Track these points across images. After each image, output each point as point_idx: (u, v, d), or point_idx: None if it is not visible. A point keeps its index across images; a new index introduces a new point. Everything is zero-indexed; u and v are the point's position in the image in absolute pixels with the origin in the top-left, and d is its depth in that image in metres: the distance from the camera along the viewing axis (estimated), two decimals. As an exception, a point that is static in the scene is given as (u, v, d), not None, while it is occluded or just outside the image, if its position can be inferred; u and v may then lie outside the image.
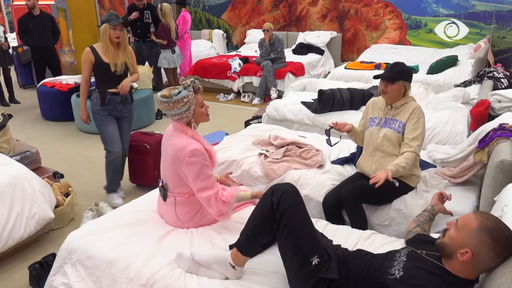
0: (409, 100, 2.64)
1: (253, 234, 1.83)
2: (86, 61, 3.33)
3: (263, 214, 1.80)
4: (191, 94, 2.13)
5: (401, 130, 2.59)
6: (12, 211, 2.70)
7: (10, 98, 6.90)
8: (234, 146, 3.39)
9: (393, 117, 2.64)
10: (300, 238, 1.73)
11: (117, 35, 3.27)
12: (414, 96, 4.47)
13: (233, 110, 6.35)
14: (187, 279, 1.87)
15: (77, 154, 4.74)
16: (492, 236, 1.44)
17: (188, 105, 2.13)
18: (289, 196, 1.77)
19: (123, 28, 3.30)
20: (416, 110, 2.58)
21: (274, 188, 1.82)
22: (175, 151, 2.14)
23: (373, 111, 2.77)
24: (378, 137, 2.65)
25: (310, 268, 1.70)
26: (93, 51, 3.31)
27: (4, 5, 11.28)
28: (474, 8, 6.92)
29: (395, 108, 2.64)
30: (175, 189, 2.22)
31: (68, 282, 2.10)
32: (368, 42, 7.92)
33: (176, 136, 2.18)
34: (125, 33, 3.37)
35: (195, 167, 2.10)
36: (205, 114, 2.26)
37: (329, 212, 2.65)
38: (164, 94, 2.11)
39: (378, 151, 2.65)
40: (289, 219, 1.73)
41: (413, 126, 2.54)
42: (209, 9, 9.55)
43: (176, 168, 2.16)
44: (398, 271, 1.60)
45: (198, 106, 2.19)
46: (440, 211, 2.24)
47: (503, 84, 4.34)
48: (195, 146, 2.10)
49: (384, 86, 2.58)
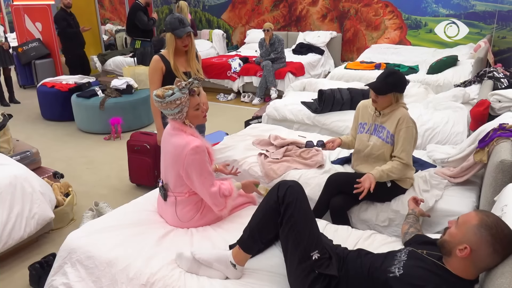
0: (397, 107, 2.55)
1: (257, 228, 1.86)
2: (156, 70, 2.98)
3: (268, 208, 1.85)
4: (185, 97, 2.10)
5: (389, 141, 2.55)
6: (12, 211, 2.70)
7: (10, 98, 6.90)
8: (234, 146, 3.39)
9: (381, 124, 2.60)
10: (302, 233, 1.76)
11: (185, 44, 2.95)
12: (414, 96, 4.55)
13: (233, 110, 6.35)
14: (187, 279, 1.87)
15: (77, 154, 4.74)
16: (491, 233, 1.44)
17: (180, 107, 2.11)
18: (294, 191, 1.82)
19: (190, 34, 2.96)
20: (403, 119, 2.49)
21: (280, 184, 1.87)
22: (175, 150, 2.13)
23: (363, 116, 2.72)
24: (367, 145, 2.64)
25: (310, 262, 1.72)
26: (163, 59, 2.98)
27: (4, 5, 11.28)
28: (474, 8, 6.92)
29: (383, 115, 2.59)
30: (176, 188, 2.22)
31: (68, 282, 2.10)
32: (368, 42, 7.93)
33: (175, 135, 2.18)
34: (193, 38, 3.03)
35: (198, 164, 2.11)
36: (200, 116, 2.22)
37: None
38: (158, 94, 2.10)
39: (369, 157, 2.67)
40: (293, 213, 1.78)
41: (401, 139, 2.49)
42: (209, 9, 9.56)
43: (177, 167, 2.15)
44: (398, 269, 1.61)
45: (192, 108, 2.16)
46: (420, 214, 2.28)
47: (503, 84, 4.33)
48: (196, 143, 2.10)
49: (375, 96, 2.53)
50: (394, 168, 2.47)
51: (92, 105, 5.27)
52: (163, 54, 3.03)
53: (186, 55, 3.06)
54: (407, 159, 2.49)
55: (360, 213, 2.65)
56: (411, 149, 2.53)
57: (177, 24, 2.88)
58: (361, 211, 2.65)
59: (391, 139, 2.55)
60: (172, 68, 2.98)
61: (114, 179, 4.09)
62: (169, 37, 2.93)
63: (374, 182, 2.38)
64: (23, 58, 7.68)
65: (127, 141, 3.83)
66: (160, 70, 3.00)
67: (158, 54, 3.03)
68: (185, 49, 3.00)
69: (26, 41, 7.86)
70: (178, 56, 3.02)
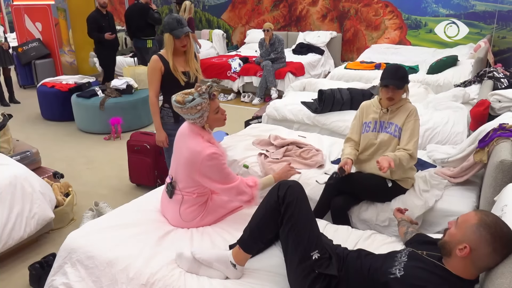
0: (404, 102, 2.59)
1: (257, 228, 1.87)
2: (154, 70, 2.98)
3: (269, 207, 1.85)
4: (205, 102, 2.09)
5: (397, 134, 2.56)
6: (12, 211, 2.70)
7: (10, 98, 6.90)
8: (234, 146, 3.39)
9: (389, 120, 2.60)
10: (302, 232, 1.77)
11: (183, 45, 2.94)
12: (414, 96, 4.55)
13: (233, 110, 6.35)
14: (187, 279, 1.87)
15: (77, 154, 4.74)
16: (491, 232, 1.44)
17: (201, 112, 2.11)
18: (294, 191, 1.83)
19: (189, 34, 2.95)
20: (412, 112, 2.53)
21: (281, 183, 1.89)
22: (190, 154, 2.12)
23: (367, 115, 2.70)
24: (375, 143, 2.63)
25: (310, 262, 1.72)
26: (162, 59, 2.98)
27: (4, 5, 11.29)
28: (474, 8, 6.92)
29: (391, 111, 2.59)
30: (186, 188, 2.22)
31: (68, 282, 2.10)
32: (368, 42, 7.93)
33: (192, 138, 2.16)
34: (191, 38, 3.02)
35: (216, 170, 2.11)
36: (221, 119, 2.24)
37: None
38: (177, 100, 2.09)
39: (375, 153, 2.66)
40: (293, 213, 1.79)
41: (409, 130, 2.50)
42: (209, 9, 9.56)
43: (190, 171, 2.15)
44: (399, 270, 1.61)
45: (212, 112, 2.16)
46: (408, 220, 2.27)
47: (503, 84, 4.33)
48: (212, 150, 2.10)
49: (392, 93, 2.49)
50: (403, 156, 2.42)
51: (92, 105, 5.27)
52: (162, 54, 3.02)
53: (184, 55, 3.05)
54: (413, 150, 2.47)
55: (360, 213, 2.65)
56: (417, 142, 2.53)
57: (175, 25, 2.87)
58: (361, 211, 2.65)
59: (399, 133, 2.55)
60: (171, 68, 2.97)
61: (114, 179, 4.09)
62: (168, 37, 2.91)
63: (393, 162, 2.28)
64: (23, 58, 7.69)
65: (127, 141, 3.83)
66: (159, 70, 2.99)
67: (157, 54, 3.03)
68: (183, 49, 2.99)
69: (26, 41, 7.87)
70: (177, 56, 3.01)
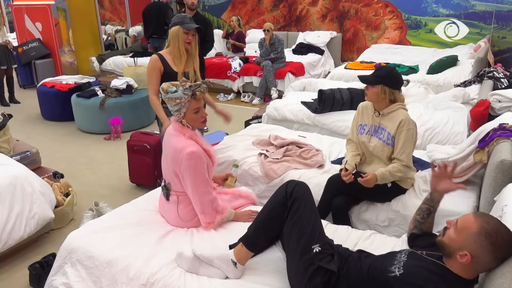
0: (396, 108, 2.55)
1: (263, 224, 1.92)
2: (154, 70, 2.97)
3: (276, 203, 1.92)
4: (185, 98, 2.10)
5: (390, 143, 2.54)
6: (12, 211, 2.70)
7: (10, 98, 6.90)
8: (234, 146, 3.39)
9: (381, 125, 2.60)
10: (306, 226, 1.81)
11: (189, 40, 2.93)
12: (414, 96, 4.55)
13: (233, 110, 6.33)
14: (187, 279, 1.87)
15: (77, 154, 4.74)
16: (492, 241, 1.43)
17: (179, 107, 2.12)
18: (301, 188, 1.92)
19: (196, 33, 2.96)
20: (404, 122, 2.48)
21: (289, 182, 1.97)
22: (173, 152, 2.14)
23: (363, 117, 2.72)
24: (369, 146, 2.64)
25: (311, 255, 1.75)
26: (161, 59, 2.98)
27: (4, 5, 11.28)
28: (474, 8, 6.91)
29: (382, 115, 2.58)
30: (178, 188, 2.23)
31: (68, 282, 2.10)
32: (368, 42, 7.92)
33: (175, 136, 2.18)
34: (197, 39, 3.02)
35: (192, 170, 2.10)
36: (199, 121, 2.20)
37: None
38: (163, 87, 2.12)
39: (370, 157, 2.67)
40: (299, 207, 1.85)
41: (401, 141, 2.49)
42: (209, 9, 9.55)
43: (175, 169, 2.16)
44: (398, 269, 1.61)
45: (190, 111, 2.15)
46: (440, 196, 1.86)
47: (503, 84, 4.33)
48: (192, 149, 2.09)
49: (366, 88, 2.60)
50: (396, 169, 2.49)
51: (92, 105, 5.27)
52: (161, 54, 3.02)
53: (187, 56, 3.03)
54: (407, 161, 2.50)
55: (360, 213, 2.65)
56: (411, 151, 2.53)
57: (187, 19, 2.92)
58: (361, 211, 2.65)
59: (392, 141, 2.55)
60: (170, 68, 2.97)
61: (114, 179, 4.09)
62: (176, 30, 2.89)
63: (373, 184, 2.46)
64: (23, 58, 7.69)
65: (127, 141, 3.83)
66: (159, 70, 2.99)
67: (157, 54, 3.02)
68: (187, 45, 2.97)
69: (26, 41, 7.87)
70: (182, 55, 3.00)
